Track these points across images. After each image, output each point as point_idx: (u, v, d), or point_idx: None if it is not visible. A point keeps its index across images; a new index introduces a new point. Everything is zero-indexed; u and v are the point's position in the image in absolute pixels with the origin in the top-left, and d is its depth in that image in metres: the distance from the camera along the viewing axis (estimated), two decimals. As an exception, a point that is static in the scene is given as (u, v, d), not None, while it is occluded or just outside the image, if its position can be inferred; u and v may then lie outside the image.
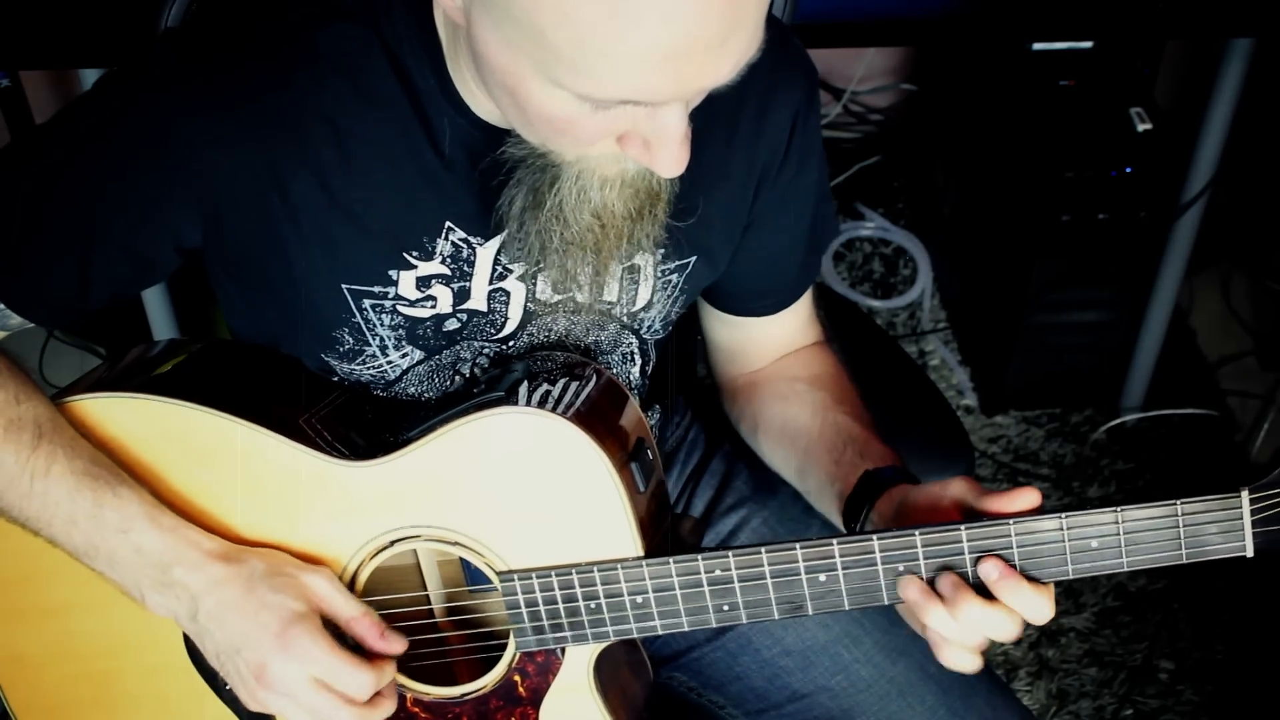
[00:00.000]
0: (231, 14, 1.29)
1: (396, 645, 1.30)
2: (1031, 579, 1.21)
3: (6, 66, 2.40)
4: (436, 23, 1.23)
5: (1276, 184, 2.75)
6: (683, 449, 1.69)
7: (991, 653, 2.49)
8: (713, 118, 1.15)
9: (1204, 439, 2.83)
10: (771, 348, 1.55)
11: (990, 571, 1.21)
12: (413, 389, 1.40)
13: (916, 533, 1.21)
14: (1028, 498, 1.22)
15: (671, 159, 1.12)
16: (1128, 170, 2.52)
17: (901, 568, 1.22)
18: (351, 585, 1.33)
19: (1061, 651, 2.51)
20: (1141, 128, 2.54)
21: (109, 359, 1.42)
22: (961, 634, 1.22)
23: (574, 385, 1.29)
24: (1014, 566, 1.21)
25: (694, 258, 1.41)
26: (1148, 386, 2.82)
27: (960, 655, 1.23)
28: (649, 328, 1.45)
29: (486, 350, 1.39)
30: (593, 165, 1.17)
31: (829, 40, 2.29)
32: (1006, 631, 1.21)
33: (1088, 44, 2.61)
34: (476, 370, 1.39)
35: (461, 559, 1.38)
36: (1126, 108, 2.56)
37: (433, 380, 1.39)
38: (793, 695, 1.53)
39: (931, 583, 1.22)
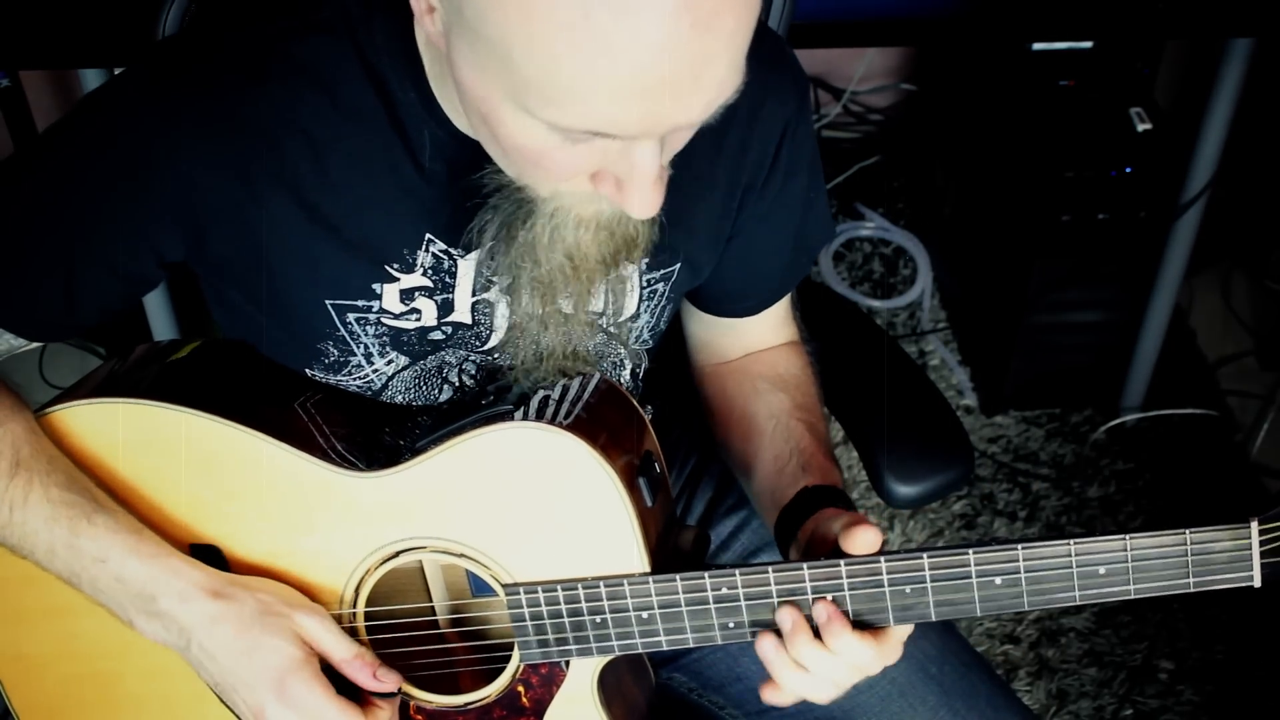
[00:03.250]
0: (207, 29, 1.29)
1: (390, 683, 1.30)
2: (868, 625, 1.24)
3: (6, 66, 2.40)
4: (417, 36, 1.23)
5: (1276, 184, 2.75)
6: (680, 450, 1.69)
7: (992, 652, 2.49)
8: (701, 128, 1.15)
9: (1204, 439, 2.84)
10: (742, 345, 1.56)
11: (820, 613, 1.23)
12: (400, 397, 1.39)
13: (924, 555, 1.21)
14: (866, 540, 1.23)
15: (643, 200, 1.11)
16: (1128, 170, 2.52)
17: (908, 590, 1.22)
18: (355, 595, 1.33)
19: (1061, 651, 2.51)
20: (1141, 128, 2.54)
21: (110, 360, 1.42)
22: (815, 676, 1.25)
23: (580, 396, 1.29)
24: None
25: (678, 265, 1.41)
26: (1148, 386, 2.82)
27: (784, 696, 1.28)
28: (637, 337, 1.45)
29: (472, 358, 1.39)
30: (568, 204, 1.16)
31: (829, 40, 2.29)
32: (839, 673, 1.25)
33: (1088, 44, 2.61)
34: (467, 380, 1.39)
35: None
36: (1126, 108, 2.57)
37: (420, 388, 1.39)
38: (793, 695, 1.53)
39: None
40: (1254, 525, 1.17)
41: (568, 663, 1.33)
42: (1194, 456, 2.81)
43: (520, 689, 1.35)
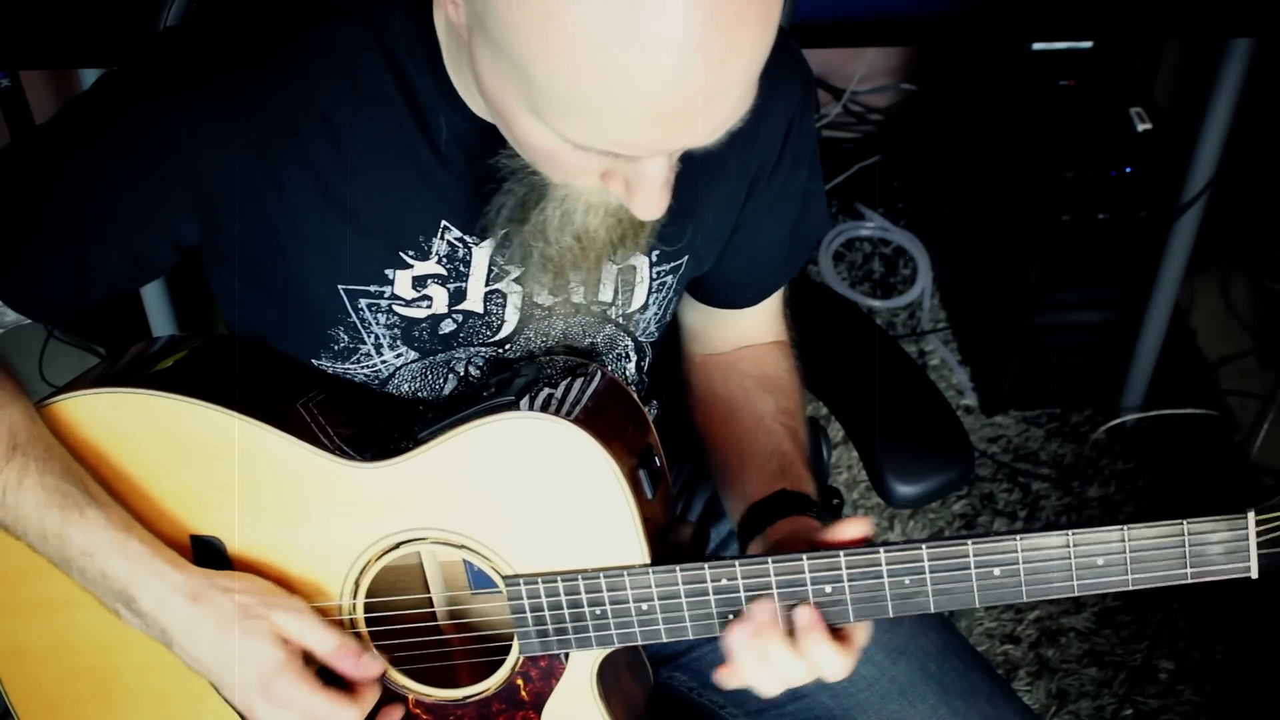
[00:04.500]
0: (227, 13, 1.29)
1: (374, 668, 1.32)
2: (837, 632, 1.25)
3: (6, 66, 2.40)
4: (436, 22, 1.23)
5: (1276, 184, 2.75)
6: (682, 450, 1.69)
7: (992, 652, 2.49)
8: None
9: (1204, 439, 2.84)
10: (733, 337, 1.57)
11: (802, 617, 1.24)
12: (405, 387, 1.40)
13: (923, 545, 1.21)
14: (856, 527, 1.26)
15: (649, 204, 1.14)
16: (1128, 170, 2.52)
17: (908, 580, 1.22)
18: (356, 586, 1.33)
19: (1061, 651, 2.51)
20: (1141, 128, 2.55)
21: (109, 356, 1.42)
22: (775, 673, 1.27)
23: (581, 389, 1.29)
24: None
25: (685, 257, 1.42)
26: (1148, 386, 2.82)
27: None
28: (644, 329, 1.45)
29: (483, 353, 1.39)
30: (579, 191, 1.19)
31: (829, 40, 2.29)
32: (797, 675, 1.26)
33: (1088, 44, 2.62)
34: (473, 371, 1.39)
35: (465, 562, 1.38)
36: (1126, 108, 2.57)
37: (426, 378, 1.39)
38: (793, 694, 1.52)
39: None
40: (1251, 516, 1.18)
41: (567, 656, 1.33)
42: (1194, 456, 2.81)
43: (519, 682, 1.35)
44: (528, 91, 1.06)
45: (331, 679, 1.30)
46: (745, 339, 1.56)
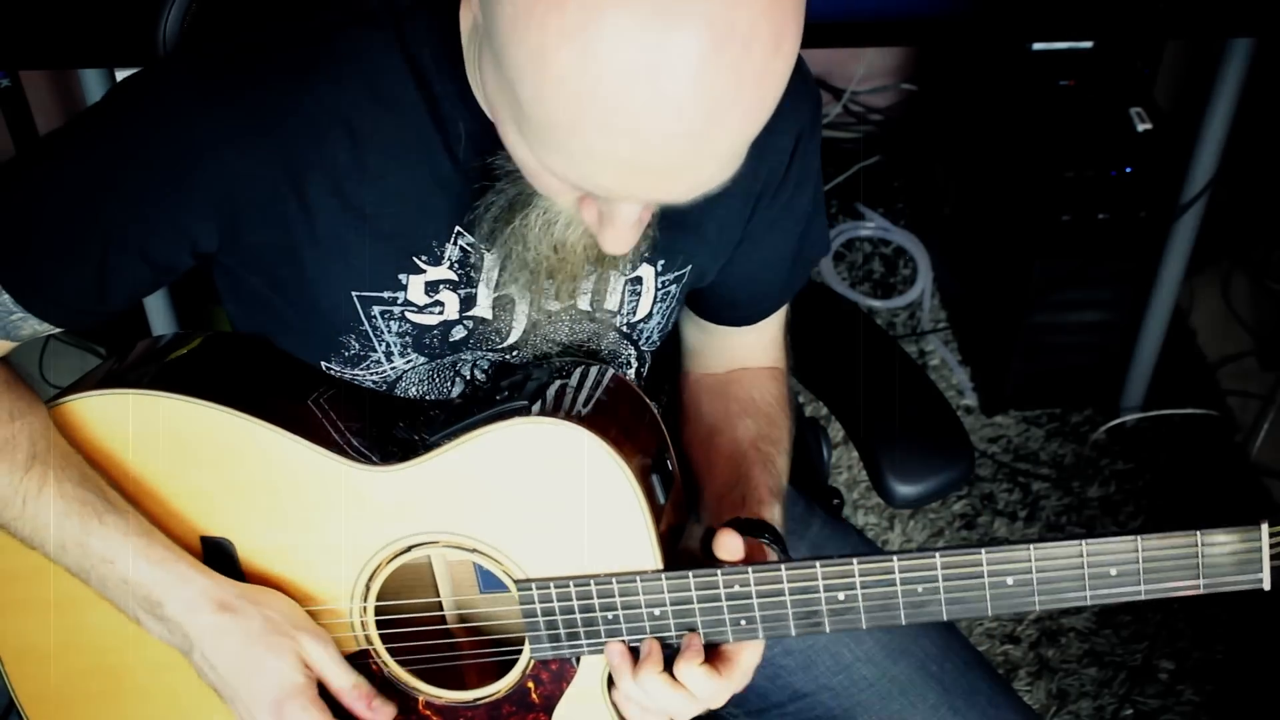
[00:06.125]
0: (250, 17, 1.29)
1: (386, 713, 1.33)
2: (715, 660, 1.27)
3: (6, 66, 2.39)
4: (461, 21, 1.23)
5: (1276, 184, 2.76)
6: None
7: (992, 652, 2.50)
8: None
9: (1204, 439, 2.84)
10: (729, 359, 1.56)
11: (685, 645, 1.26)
12: (413, 390, 1.40)
13: (937, 554, 1.22)
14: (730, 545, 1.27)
15: (616, 241, 1.15)
16: (1128, 170, 2.52)
17: (920, 589, 1.22)
18: (366, 589, 1.34)
19: (1061, 651, 2.51)
20: (1141, 128, 2.55)
21: (115, 354, 1.42)
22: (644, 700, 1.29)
23: (593, 393, 1.29)
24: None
25: (689, 268, 1.41)
26: (1148, 386, 2.83)
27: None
28: (647, 339, 1.45)
29: (489, 357, 1.39)
30: (560, 204, 1.19)
31: (829, 40, 2.29)
32: (683, 710, 1.28)
33: (1088, 44, 2.62)
34: (478, 374, 1.39)
35: (475, 564, 1.38)
36: (1126, 108, 2.57)
37: (433, 380, 1.40)
38: (794, 694, 1.53)
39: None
40: (1265, 527, 1.18)
41: (578, 659, 1.33)
42: (1194, 456, 2.81)
43: (530, 685, 1.35)
44: (516, 112, 1.06)
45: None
46: (741, 361, 1.56)
